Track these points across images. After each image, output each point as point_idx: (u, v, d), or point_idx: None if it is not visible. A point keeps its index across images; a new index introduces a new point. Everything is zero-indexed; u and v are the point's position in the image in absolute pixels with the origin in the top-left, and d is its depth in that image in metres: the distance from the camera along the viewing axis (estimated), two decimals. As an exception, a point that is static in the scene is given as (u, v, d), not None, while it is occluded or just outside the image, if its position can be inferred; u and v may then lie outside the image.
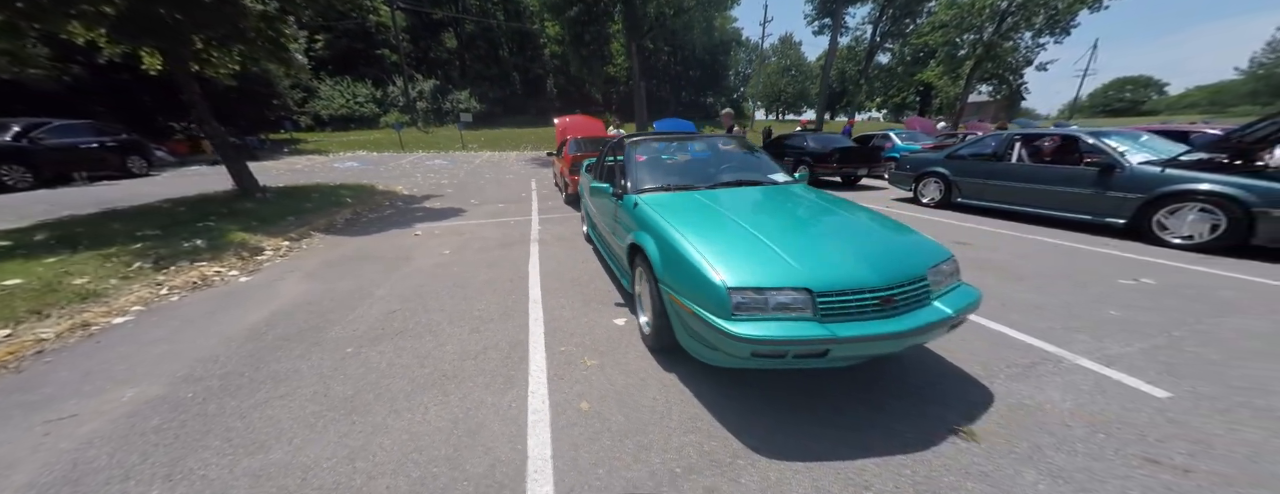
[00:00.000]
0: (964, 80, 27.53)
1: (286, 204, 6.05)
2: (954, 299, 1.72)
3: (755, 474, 1.46)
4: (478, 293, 3.17)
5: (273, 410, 1.82)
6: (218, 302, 3.08)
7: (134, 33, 5.35)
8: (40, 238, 4.17)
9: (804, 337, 1.47)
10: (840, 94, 47.15)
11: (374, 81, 26.56)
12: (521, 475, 1.45)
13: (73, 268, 3.26)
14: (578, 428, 1.70)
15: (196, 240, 4.10)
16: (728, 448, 1.59)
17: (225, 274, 3.62)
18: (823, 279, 1.58)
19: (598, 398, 1.89)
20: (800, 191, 2.58)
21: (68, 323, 2.57)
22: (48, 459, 1.55)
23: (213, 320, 2.75)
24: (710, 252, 1.75)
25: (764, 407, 1.82)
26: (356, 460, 1.53)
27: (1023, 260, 3.82)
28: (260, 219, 5.12)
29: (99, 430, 1.71)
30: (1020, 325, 2.51)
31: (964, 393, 1.89)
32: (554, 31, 25.59)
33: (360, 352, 2.31)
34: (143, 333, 2.59)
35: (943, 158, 6.76)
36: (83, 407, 1.86)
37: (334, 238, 4.95)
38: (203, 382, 2.04)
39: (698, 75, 45.10)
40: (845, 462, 1.51)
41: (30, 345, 2.35)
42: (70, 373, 2.14)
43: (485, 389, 1.96)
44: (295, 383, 2.02)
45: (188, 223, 4.83)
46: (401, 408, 1.83)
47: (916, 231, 2.04)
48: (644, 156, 3.00)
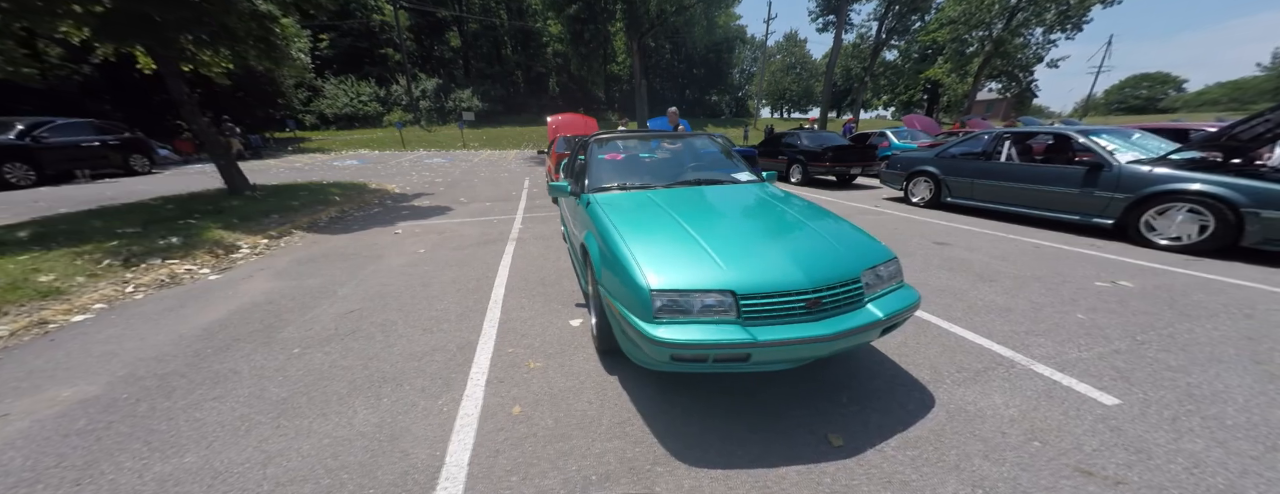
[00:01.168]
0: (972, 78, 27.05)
1: (273, 202, 6.06)
2: (889, 302, 1.65)
3: (671, 482, 1.40)
4: (441, 292, 3.13)
5: (202, 413, 1.79)
6: (181, 299, 3.07)
7: (119, 33, 5.36)
8: (21, 235, 4.19)
9: (722, 340, 1.41)
10: (845, 92, 46.62)
11: (378, 80, 26.65)
12: (433, 483, 1.41)
13: (43, 265, 3.27)
14: (504, 433, 1.66)
15: (172, 238, 4.11)
16: (650, 454, 1.54)
17: (196, 272, 3.62)
18: (747, 281, 1.52)
19: (532, 402, 1.85)
20: (757, 191, 2.51)
21: (25, 321, 2.57)
22: (-34, 460, 1.54)
23: (170, 319, 2.74)
24: (643, 252, 1.69)
25: (699, 411, 1.76)
26: (269, 466, 1.50)
27: (1000, 261, 3.72)
28: (242, 217, 5.13)
29: (24, 431, 1.69)
30: (981, 329, 2.43)
31: (907, 398, 1.82)
32: (556, 30, 25.49)
33: (306, 353, 2.28)
34: (98, 331, 2.59)
35: (933, 157, 6.64)
36: (15, 406, 1.84)
37: (314, 236, 4.95)
38: (141, 382, 2.02)
39: (702, 73, 44.80)
40: (767, 469, 1.45)
41: (-17, 343, 2.35)
42: (14, 371, 2.13)
43: (420, 392, 1.92)
44: (232, 384, 2.00)
45: (169, 220, 4.85)
46: (331, 411, 1.79)
47: (862, 232, 1.97)
48: (605, 156, 2.94)
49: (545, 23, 27.85)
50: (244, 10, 6.09)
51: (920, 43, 32.17)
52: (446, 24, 30.51)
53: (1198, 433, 1.56)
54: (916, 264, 3.67)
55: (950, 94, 35.41)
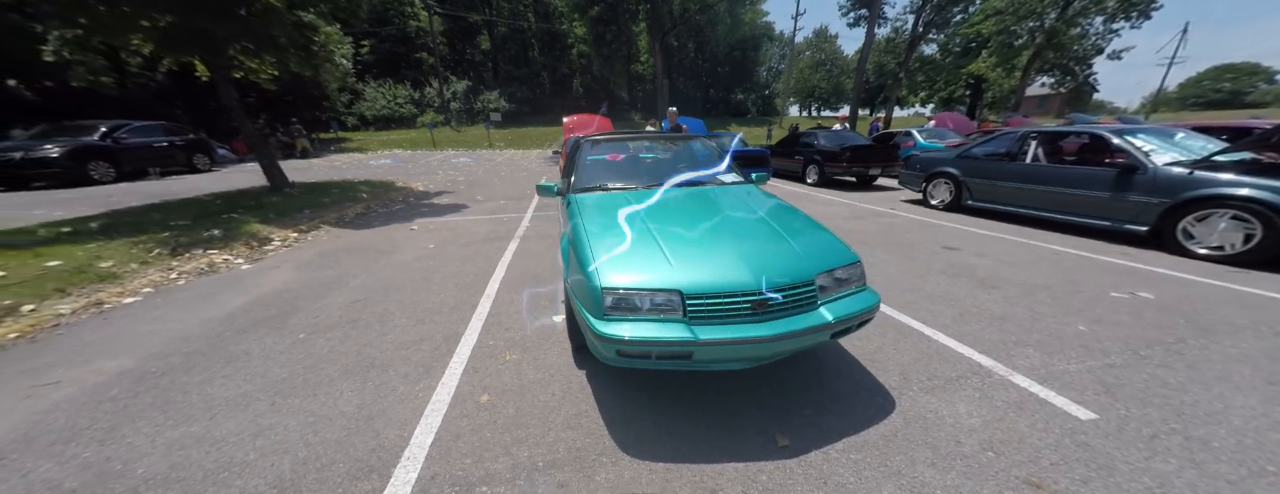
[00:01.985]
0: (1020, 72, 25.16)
1: (307, 199, 6.52)
2: (843, 305, 1.64)
3: (611, 472, 1.46)
4: (440, 286, 3.30)
5: (212, 388, 2.00)
6: (215, 286, 3.39)
7: (179, 44, 5.92)
8: (93, 225, 4.73)
9: (663, 338, 1.45)
10: (879, 89, 44.58)
11: (413, 83, 27.92)
12: (395, 461, 1.53)
13: (104, 253, 3.69)
14: (468, 419, 1.76)
15: (215, 230, 4.52)
16: (598, 446, 1.60)
17: (232, 262, 3.97)
18: (694, 282, 1.55)
19: (500, 391, 1.95)
20: (736, 193, 2.51)
21: (85, 301, 2.93)
22: (18, 419, 1.79)
23: (203, 304, 3.04)
24: (602, 252, 1.75)
25: (656, 408, 1.81)
26: (259, 437, 1.67)
27: (1009, 268, 3.53)
28: (278, 212, 5.55)
29: (70, 396, 1.95)
30: (966, 337, 2.34)
31: (867, 403, 1.79)
32: (581, 31, 25.86)
33: (310, 338, 2.48)
34: (143, 312, 2.91)
35: (953, 157, 6.32)
36: (66, 375, 2.12)
37: (339, 230, 5.30)
38: (169, 358, 2.27)
39: (726, 71, 44.12)
40: (708, 465, 1.48)
41: (49, 319, 2.70)
42: (70, 344, 2.44)
43: (402, 378, 2.06)
44: (242, 364, 2.21)
45: (216, 214, 5.33)
46: (321, 392, 1.96)
47: (828, 235, 1.94)
48: (592, 157, 3.01)
49: (570, 25, 28.29)
50: (286, 21, 6.57)
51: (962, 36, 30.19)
52: (478, 28, 31.55)
53: (1174, 453, 1.46)
54: (916, 269, 3.54)
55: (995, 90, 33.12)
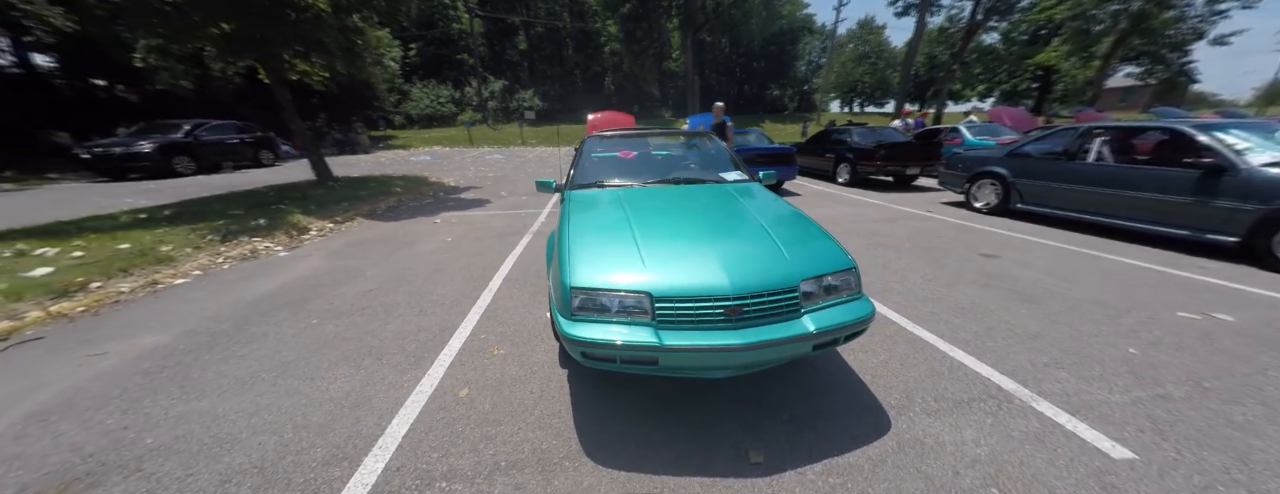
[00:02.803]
0: (1099, 61, 22.33)
1: (347, 192, 6.95)
2: (830, 315, 1.49)
3: (570, 477, 1.41)
4: (449, 278, 3.39)
5: (227, 366, 2.14)
6: (253, 271, 3.66)
7: (237, 49, 6.46)
8: (166, 213, 5.27)
9: (626, 342, 1.38)
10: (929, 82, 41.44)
11: (454, 83, 29.15)
12: (366, 450, 1.56)
13: (167, 238, 4.09)
14: (444, 412, 1.77)
15: (261, 219, 4.90)
16: (564, 449, 1.56)
17: (271, 249, 4.28)
18: (665, 284, 1.46)
19: (480, 386, 1.95)
20: (732, 192, 2.37)
21: (142, 280, 3.25)
22: (65, 385, 2.00)
23: (239, 287, 3.29)
24: (582, 250, 1.69)
25: (630, 412, 1.74)
26: (255, 416, 1.76)
27: (1055, 280, 3.14)
28: (319, 204, 5.95)
29: (111, 367, 2.15)
30: (989, 354, 2.09)
31: (858, 422, 1.64)
32: (614, 29, 25.88)
33: (322, 324, 2.61)
34: (189, 293, 3.19)
35: (1002, 156, 5.74)
36: (112, 347, 2.35)
37: (370, 222, 5.59)
38: (198, 337, 2.47)
39: (762, 66, 42.59)
40: (671, 478, 1.40)
41: (111, 296, 3.02)
42: (122, 319, 2.72)
43: (392, 367, 2.11)
44: (258, 345, 2.35)
45: (266, 205, 5.78)
46: (318, 376, 2.05)
47: (823, 237, 1.78)
48: (595, 154, 2.96)
49: (603, 23, 28.34)
50: (332, 26, 6.99)
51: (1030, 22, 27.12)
52: (515, 29, 32.38)
53: (1229, 512, 1.21)
54: (944, 277, 3.22)
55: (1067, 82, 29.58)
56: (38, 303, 2.77)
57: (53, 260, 3.45)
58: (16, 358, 2.28)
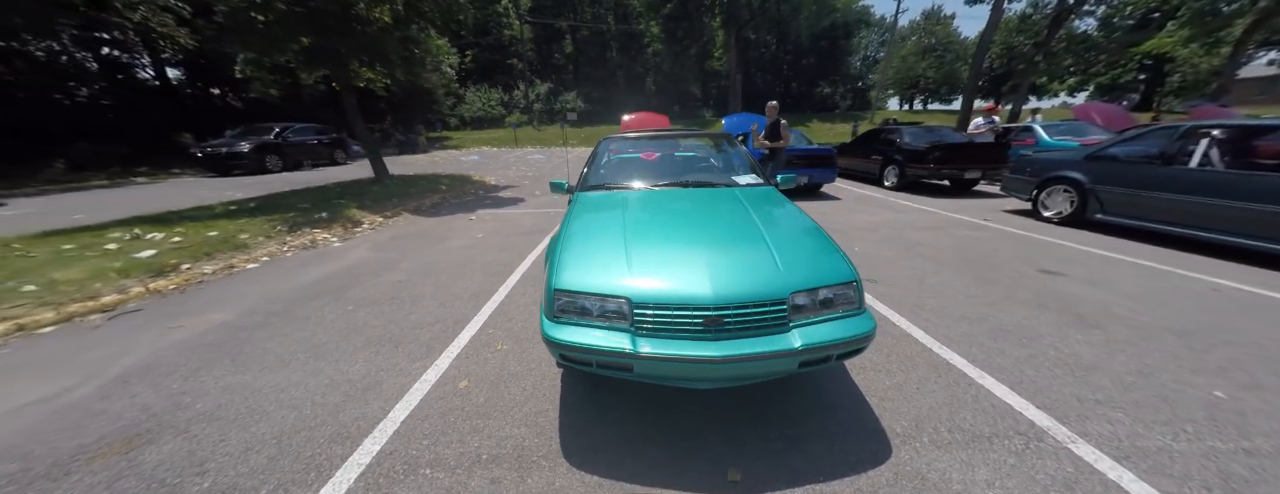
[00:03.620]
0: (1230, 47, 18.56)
1: (398, 189, 7.52)
2: (823, 330, 1.38)
3: (544, 477, 1.43)
4: (473, 273, 3.56)
5: (272, 344, 2.39)
6: (310, 260, 4.06)
7: (313, 61, 7.20)
8: (251, 205, 5.99)
9: (601, 347, 1.37)
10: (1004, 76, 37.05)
11: (504, 87, 30.61)
12: (366, 432, 1.67)
13: (246, 227, 4.64)
14: (442, 402, 1.86)
15: (323, 213, 5.43)
16: (545, 447, 1.57)
17: (328, 239, 4.73)
18: (645, 290, 1.43)
19: (479, 379, 2.02)
20: (740, 196, 2.27)
21: (223, 264, 3.71)
22: (148, 351, 2.33)
23: (296, 273, 3.66)
24: (570, 253, 1.70)
25: (617, 416, 1.73)
26: (283, 392, 1.94)
27: (1129, 303, 2.70)
28: (373, 200, 6.48)
29: (183, 339, 2.48)
30: (1026, 385, 1.84)
31: (855, 448, 1.50)
32: (656, 30, 25.85)
33: (356, 310, 2.84)
34: (257, 277, 3.60)
35: (1078, 159, 5.04)
36: (186, 322, 2.70)
37: (414, 217, 6.01)
38: (254, 316, 2.77)
39: (811, 63, 40.53)
40: (643, 488, 1.37)
41: (196, 277, 3.48)
42: (200, 298, 3.12)
43: (406, 356, 2.25)
44: (300, 327, 2.61)
45: (329, 200, 6.40)
46: (343, 359, 2.23)
47: (826, 248, 1.66)
48: (609, 155, 2.96)
49: (648, 24, 28.36)
50: (394, 37, 7.59)
51: (1136, 4, 23.09)
52: (562, 33, 33.34)
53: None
54: (990, 295, 2.89)
55: (1187, 72, 24.84)
56: (140, 280, 3.26)
57: (157, 244, 4.04)
58: (120, 325, 2.70)
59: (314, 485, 1.42)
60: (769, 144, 5.76)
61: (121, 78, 17.10)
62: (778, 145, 5.76)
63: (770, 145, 5.76)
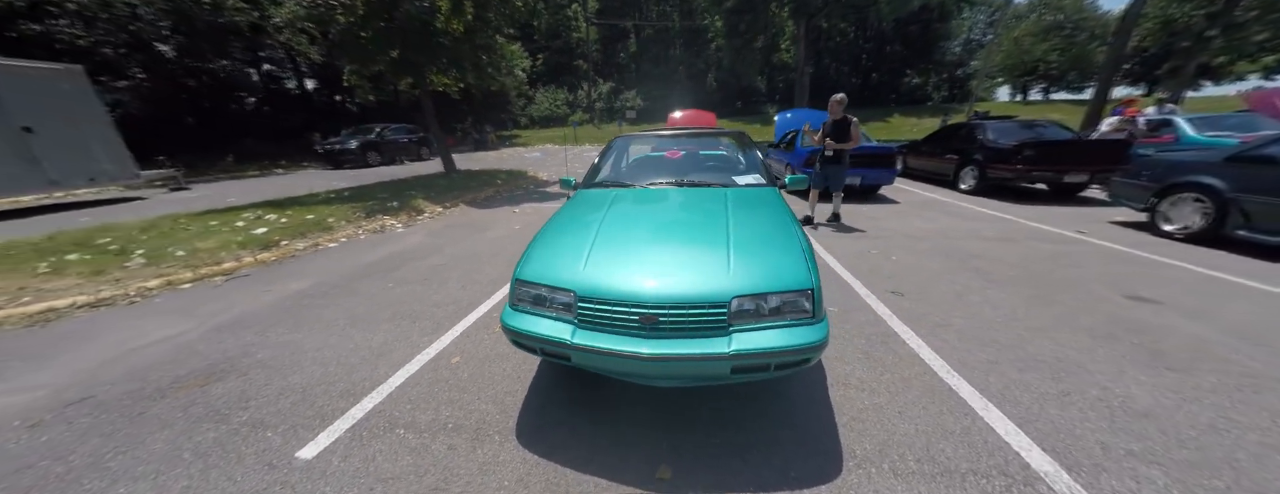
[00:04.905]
0: None
1: (461, 182, 8.28)
2: (763, 337, 1.32)
3: (492, 451, 1.54)
4: (498, 261, 3.84)
5: (323, 312, 2.83)
6: (375, 241, 4.68)
7: (399, 69, 8.18)
8: (345, 193, 7.03)
9: (542, 335, 1.44)
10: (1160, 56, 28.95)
11: (569, 87, 31.93)
12: (367, 391, 1.93)
13: (335, 212, 5.48)
14: (433, 373, 2.07)
15: (394, 202, 6.19)
16: (501, 424, 1.69)
17: (394, 225, 5.40)
18: (589, 285, 1.46)
19: (470, 356, 2.21)
20: (732, 197, 2.17)
21: (311, 242, 4.44)
22: (242, 309, 2.89)
23: (361, 252, 4.25)
24: (539, 247, 1.79)
25: (576, 404, 1.79)
26: (320, 351, 2.30)
27: (1240, 344, 2.12)
28: (438, 192, 7.23)
29: (269, 301, 3.03)
30: (1040, 424, 1.55)
31: (802, 462, 1.40)
32: (720, 24, 25.06)
33: (396, 288, 3.24)
34: (333, 254, 4.24)
35: (1218, 161, 4.00)
36: (278, 287, 3.29)
37: (468, 209, 6.60)
38: (322, 286, 3.29)
39: (897, 51, 36.11)
40: (573, 472, 1.44)
41: (290, 252, 4.20)
42: (291, 270, 3.77)
43: (420, 330, 2.52)
44: (348, 299, 3.04)
45: (402, 191, 7.26)
46: (371, 328, 2.56)
47: (789, 253, 1.55)
48: (613, 153, 2.99)
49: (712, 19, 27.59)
50: (467, 45, 8.34)
51: None
52: (627, 33, 33.80)
53: None
54: (1046, 319, 2.44)
55: None
56: (252, 252, 4.02)
57: (270, 223, 4.94)
58: (232, 287, 3.37)
59: (316, 430, 1.68)
60: (834, 145, 4.57)
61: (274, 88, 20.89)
62: (845, 146, 4.54)
63: (835, 146, 4.56)
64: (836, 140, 4.58)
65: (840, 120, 4.56)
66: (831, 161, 4.73)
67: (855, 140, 4.54)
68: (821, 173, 4.81)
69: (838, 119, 4.56)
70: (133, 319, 2.78)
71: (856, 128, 4.53)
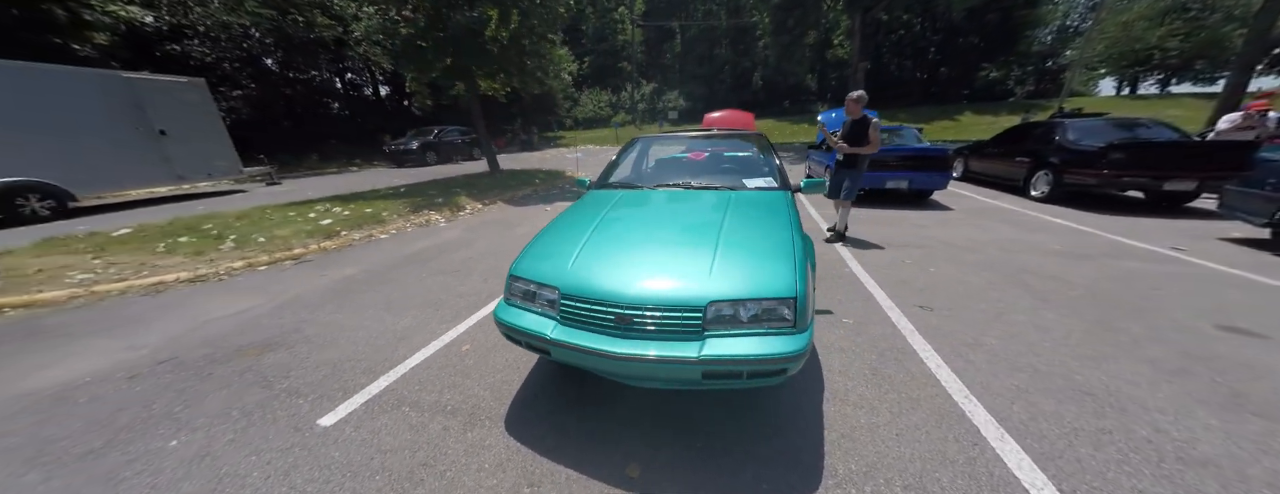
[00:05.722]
0: None
1: (502, 181, 8.74)
2: (734, 344, 1.29)
3: (479, 435, 1.64)
4: (522, 256, 4.02)
5: (363, 297, 3.13)
6: (418, 234, 5.09)
7: (452, 76, 8.79)
8: (401, 190, 7.70)
9: (528, 329, 1.50)
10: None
11: (613, 89, 32.45)
12: (385, 371, 2.11)
13: (388, 207, 6.02)
14: (444, 359, 2.23)
15: (440, 199, 6.67)
16: (492, 411, 1.78)
17: (437, 220, 5.83)
18: (573, 283, 1.51)
19: (479, 345, 2.35)
20: (736, 200, 2.12)
21: (365, 234, 4.92)
22: (301, 290, 3.28)
23: (405, 244, 4.64)
24: (537, 245, 1.87)
25: (568, 399, 1.85)
26: (355, 331, 2.56)
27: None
28: (480, 190, 7.69)
29: (326, 284, 3.41)
30: (1060, 461, 1.37)
31: (778, 475, 1.35)
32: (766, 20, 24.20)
33: (428, 278, 3.51)
34: (382, 244, 4.67)
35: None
36: (332, 272, 3.69)
37: (505, 206, 6.95)
38: (370, 273, 3.64)
39: (973, 42, 32.12)
40: (549, 463, 1.49)
41: (348, 242, 4.69)
42: (346, 257, 4.20)
43: (440, 318, 2.72)
44: (385, 286, 3.34)
45: (449, 189, 7.81)
46: (400, 312, 2.80)
47: (777, 260, 1.49)
48: (627, 155, 3.01)
49: (761, 16, 26.72)
50: (514, 52, 8.80)
51: None
52: (673, 32, 33.67)
53: None
54: (1106, 346, 2.13)
55: None
56: (317, 240, 4.54)
57: (335, 216, 5.54)
58: (298, 270, 3.83)
59: (337, 402, 1.87)
60: (847, 148, 4.00)
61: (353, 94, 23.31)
62: (861, 150, 3.96)
63: (849, 149, 3.99)
64: (852, 143, 3.98)
65: (858, 120, 3.96)
66: (844, 166, 4.11)
67: (873, 143, 3.90)
68: (832, 179, 4.22)
69: (856, 119, 3.97)
70: (217, 294, 3.26)
71: (875, 129, 3.88)
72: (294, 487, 1.41)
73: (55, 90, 6.83)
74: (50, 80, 6.82)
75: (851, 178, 4.06)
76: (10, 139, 6.36)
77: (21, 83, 6.49)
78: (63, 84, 6.95)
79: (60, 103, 6.87)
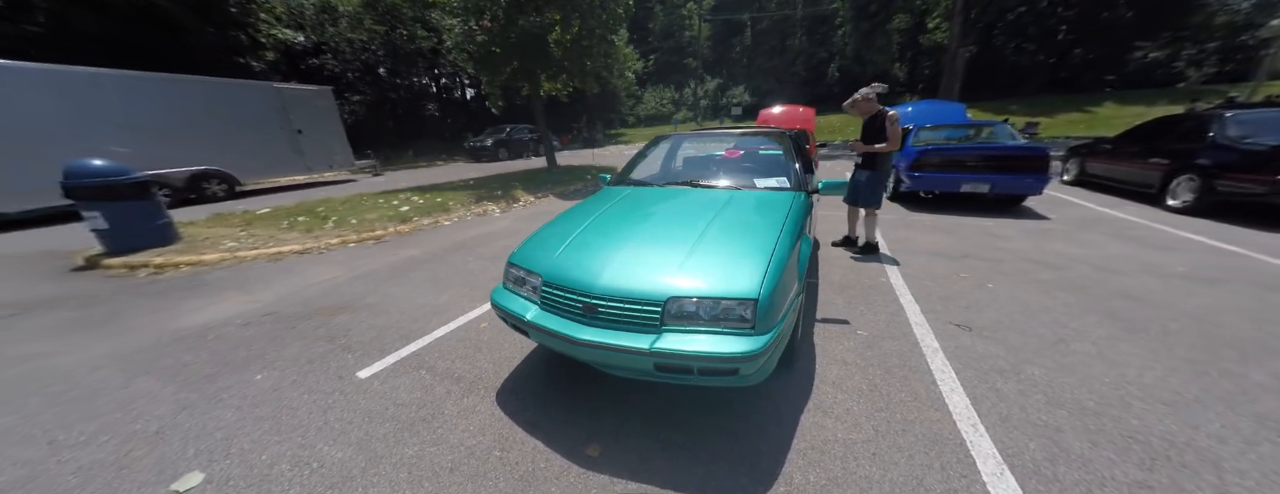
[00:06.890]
0: None
1: (557, 176, 9.26)
2: (686, 340, 1.32)
3: (471, 402, 1.84)
4: (556, 247, 4.28)
5: (420, 273, 3.60)
6: (475, 222, 5.65)
7: (518, 77, 9.48)
8: (470, 182, 8.56)
9: (513, 311, 1.65)
10: None
11: (676, 86, 32.19)
12: (414, 339, 2.43)
13: (453, 198, 6.75)
14: (464, 333, 2.50)
15: (499, 191, 7.30)
16: (487, 383, 1.98)
17: (494, 210, 6.40)
18: (554, 272, 1.62)
19: (495, 324, 2.59)
20: (737, 200, 2.07)
21: (432, 221, 5.60)
22: (374, 265, 3.87)
23: (463, 230, 5.19)
24: (539, 234, 2.03)
25: (557, 379, 1.99)
26: (403, 302, 2.98)
27: None
28: (536, 184, 8.25)
29: (390, 261, 3.99)
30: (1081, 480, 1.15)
31: (731, 476, 1.34)
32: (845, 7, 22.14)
33: (472, 261, 3.91)
34: (445, 230, 5.28)
35: None
36: (400, 253, 4.29)
37: (555, 199, 7.37)
38: (430, 254, 4.17)
39: (1125, 17, 25.69)
40: (523, 434, 1.63)
41: (418, 227, 5.38)
42: (413, 240, 4.84)
43: (470, 298, 3.04)
44: (440, 266, 3.80)
45: (509, 183, 8.48)
46: (442, 290, 3.19)
47: (750, 261, 1.48)
48: (649, 152, 3.05)
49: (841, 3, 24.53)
50: (575, 52, 9.23)
51: None
52: (743, 26, 32.34)
53: None
54: (1186, 389, 1.72)
55: None
56: (394, 224, 5.28)
57: (413, 204, 6.37)
58: (377, 248, 4.51)
59: (375, 359, 2.22)
60: (862, 147, 3.44)
61: (445, 97, 26.17)
62: (876, 149, 3.36)
63: (864, 149, 3.43)
64: (868, 141, 3.41)
65: (874, 116, 3.38)
66: (863, 168, 3.54)
67: (893, 142, 3.31)
68: (851, 183, 3.48)
69: (871, 115, 3.40)
70: (316, 264, 3.98)
71: (893, 124, 3.26)
72: (328, 422, 1.73)
73: (231, 99, 8.78)
74: (229, 91, 8.79)
75: (872, 180, 3.46)
76: (201, 137, 8.32)
77: (211, 94, 8.46)
78: (236, 94, 8.90)
79: (234, 109, 8.82)
